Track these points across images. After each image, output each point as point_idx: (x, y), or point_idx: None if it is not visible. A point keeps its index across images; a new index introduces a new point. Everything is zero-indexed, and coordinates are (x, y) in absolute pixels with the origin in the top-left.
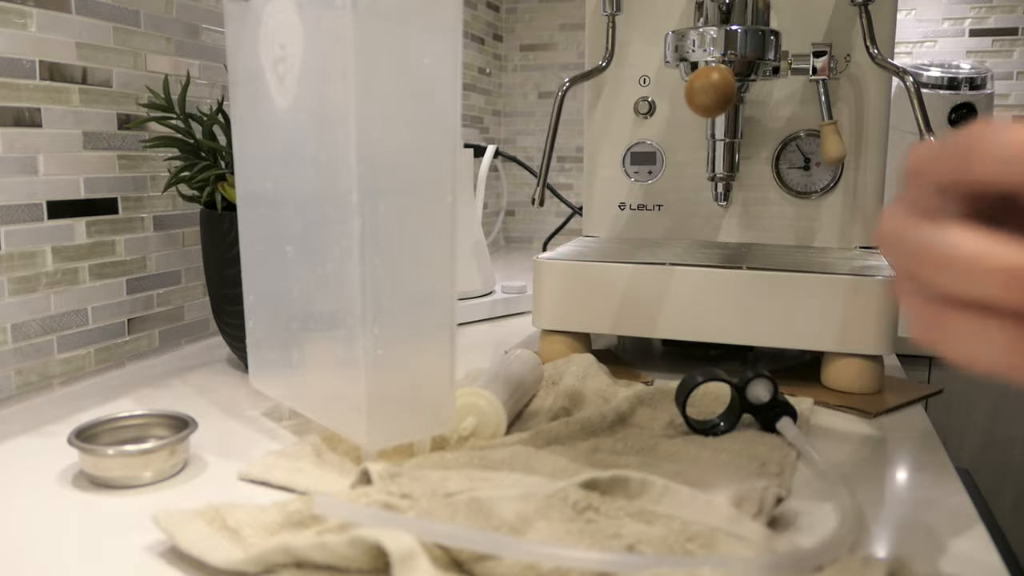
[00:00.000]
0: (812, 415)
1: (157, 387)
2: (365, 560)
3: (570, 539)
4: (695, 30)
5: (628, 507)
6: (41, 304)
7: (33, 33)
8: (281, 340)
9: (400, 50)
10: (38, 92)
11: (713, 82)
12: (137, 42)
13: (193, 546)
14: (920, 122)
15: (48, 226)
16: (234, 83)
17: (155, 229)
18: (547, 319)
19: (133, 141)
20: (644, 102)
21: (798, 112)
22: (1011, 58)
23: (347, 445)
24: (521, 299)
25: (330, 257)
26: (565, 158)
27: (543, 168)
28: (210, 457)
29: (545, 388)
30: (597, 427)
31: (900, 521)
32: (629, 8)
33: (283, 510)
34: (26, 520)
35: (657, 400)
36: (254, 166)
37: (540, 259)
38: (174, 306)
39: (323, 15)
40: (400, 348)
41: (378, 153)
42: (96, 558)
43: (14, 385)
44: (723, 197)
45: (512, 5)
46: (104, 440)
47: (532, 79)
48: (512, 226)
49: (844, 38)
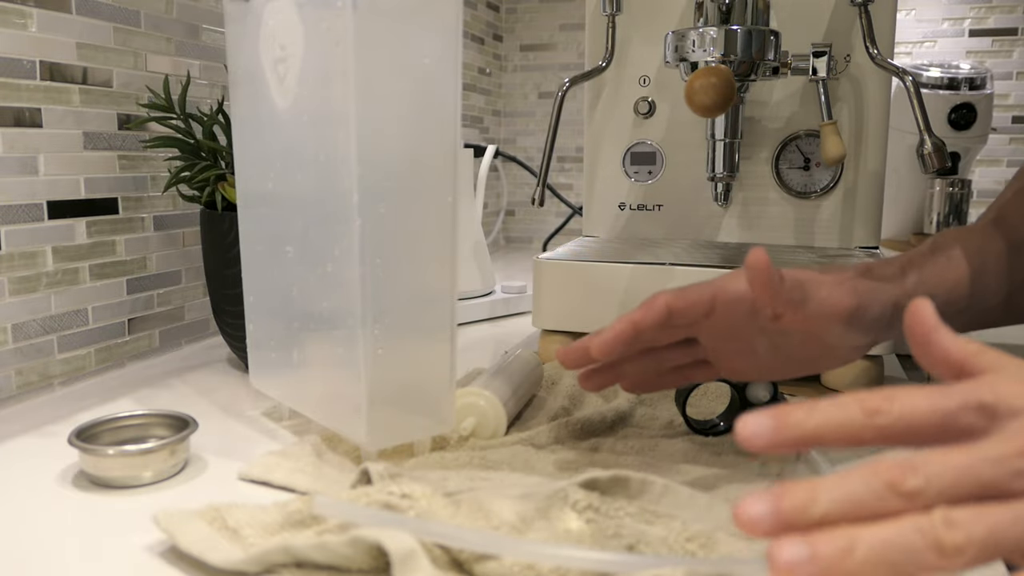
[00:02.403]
0: None
1: (157, 387)
2: (365, 560)
3: (570, 539)
4: (695, 30)
5: (628, 507)
6: (41, 304)
7: (33, 33)
8: (281, 340)
9: (400, 50)
10: (38, 92)
11: (713, 82)
12: (137, 42)
13: (193, 546)
14: (920, 122)
15: (48, 226)
16: (234, 83)
17: (155, 229)
18: (547, 319)
19: (133, 141)
20: (644, 102)
21: (798, 112)
22: (1011, 58)
23: (347, 445)
24: (521, 299)
25: (330, 257)
26: (565, 158)
27: (543, 168)
28: (210, 457)
29: (545, 388)
30: (597, 427)
31: None
32: (629, 8)
33: (283, 510)
34: (26, 520)
35: (657, 400)
36: (254, 166)
37: (540, 259)
38: (174, 306)
39: (323, 15)
40: (400, 348)
41: (378, 153)
42: (96, 558)
43: (14, 385)
44: (723, 197)
45: (512, 5)
46: (104, 440)
47: (532, 79)
48: (512, 226)
49: (844, 38)
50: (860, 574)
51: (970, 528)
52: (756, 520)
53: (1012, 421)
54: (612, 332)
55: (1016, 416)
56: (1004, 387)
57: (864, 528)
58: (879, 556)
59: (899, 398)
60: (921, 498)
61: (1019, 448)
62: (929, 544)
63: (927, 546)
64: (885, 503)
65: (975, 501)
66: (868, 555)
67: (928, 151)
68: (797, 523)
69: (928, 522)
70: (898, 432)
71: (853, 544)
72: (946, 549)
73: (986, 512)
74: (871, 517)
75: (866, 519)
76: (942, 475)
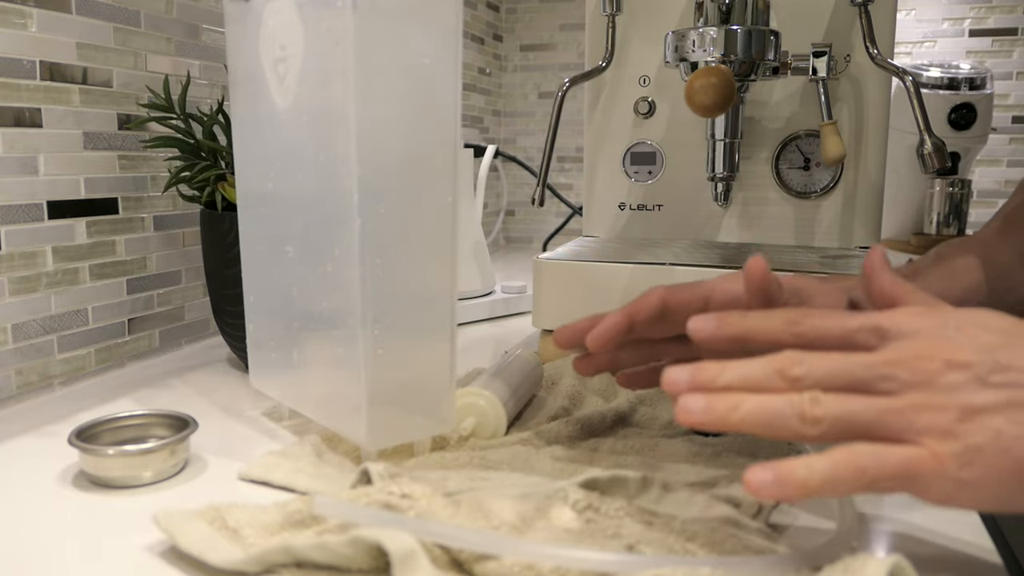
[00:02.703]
0: None
1: (157, 387)
2: (365, 560)
3: (570, 539)
4: (695, 30)
5: (628, 507)
6: (41, 304)
7: (33, 33)
8: (281, 340)
9: (400, 50)
10: (38, 92)
11: (713, 82)
12: (137, 42)
13: (193, 546)
14: (920, 122)
15: (48, 226)
16: (234, 83)
17: (155, 229)
18: (547, 319)
19: (133, 141)
20: (644, 102)
21: (798, 112)
22: (1011, 58)
23: (347, 445)
24: (521, 299)
25: (330, 257)
26: (565, 158)
27: (543, 168)
28: (210, 457)
29: (545, 388)
30: (597, 427)
31: (900, 521)
32: (629, 8)
33: (283, 510)
34: (26, 520)
35: (657, 400)
36: (254, 166)
37: (540, 259)
38: (174, 306)
39: (323, 15)
40: (400, 348)
41: (378, 153)
42: (96, 558)
43: (14, 385)
44: (723, 197)
45: (512, 5)
46: (104, 440)
47: (532, 79)
48: (512, 226)
49: (844, 38)
50: (740, 426)
51: (829, 407)
52: (676, 381)
53: (896, 341)
54: (606, 324)
55: (900, 338)
56: (900, 316)
57: (750, 396)
58: (755, 415)
59: (814, 315)
60: (801, 383)
61: (889, 359)
62: (795, 413)
63: (793, 414)
64: (773, 383)
65: (844, 393)
66: (747, 414)
67: (928, 151)
68: (706, 388)
69: (799, 398)
70: (808, 340)
71: (738, 404)
72: (806, 418)
73: (846, 399)
74: (760, 392)
75: (756, 392)
76: (821, 368)
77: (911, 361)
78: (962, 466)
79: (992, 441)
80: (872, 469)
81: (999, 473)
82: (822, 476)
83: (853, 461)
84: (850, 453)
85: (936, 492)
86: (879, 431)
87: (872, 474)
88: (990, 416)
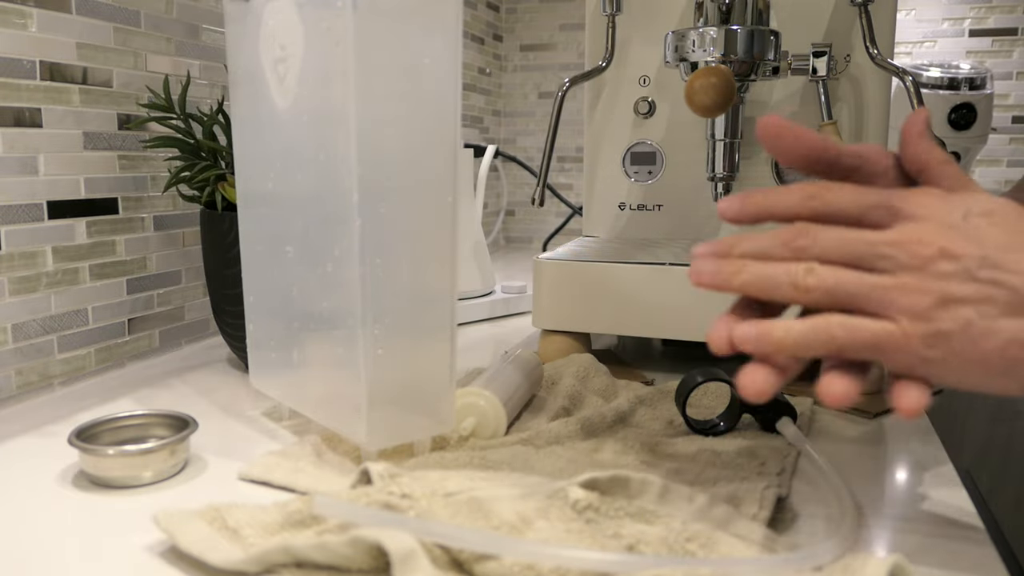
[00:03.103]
0: (812, 415)
1: (157, 387)
2: (365, 560)
3: (570, 539)
4: (695, 30)
5: (628, 507)
6: (41, 304)
7: (33, 33)
8: (281, 340)
9: (400, 50)
10: (38, 92)
11: (713, 82)
12: (137, 42)
13: (193, 546)
14: None
15: (48, 226)
16: (234, 83)
17: (155, 229)
18: (547, 319)
19: (133, 141)
20: (644, 102)
21: (798, 112)
22: (1011, 58)
23: (347, 445)
24: (521, 299)
25: (330, 257)
26: (565, 158)
27: (543, 168)
28: (210, 457)
29: (545, 388)
30: (597, 427)
31: (900, 521)
32: (629, 8)
33: (283, 510)
34: (26, 520)
35: (657, 400)
36: (254, 166)
37: (540, 259)
38: (174, 306)
39: (323, 15)
40: (400, 348)
41: (378, 153)
42: (96, 558)
43: (14, 385)
44: (723, 197)
45: (512, 5)
46: (104, 440)
47: (532, 79)
48: (512, 226)
49: (844, 38)
50: (741, 289)
51: (822, 278)
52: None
53: (906, 223)
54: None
55: (910, 219)
56: (916, 198)
57: (755, 263)
58: (754, 281)
59: (833, 189)
60: (805, 254)
61: (891, 239)
62: (790, 280)
63: (788, 281)
64: (779, 253)
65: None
66: (748, 277)
67: None
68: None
69: (796, 267)
70: (824, 214)
71: (742, 269)
72: (799, 286)
73: (840, 272)
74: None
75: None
76: (825, 240)
77: (910, 244)
78: (928, 347)
79: (961, 330)
80: (842, 338)
81: (961, 359)
82: (796, 339)
83: (827, 330)
84: (826, 322)
85: (898, 363)
86: (862, 304)
87: (841, 342)
88: (964, 307)
